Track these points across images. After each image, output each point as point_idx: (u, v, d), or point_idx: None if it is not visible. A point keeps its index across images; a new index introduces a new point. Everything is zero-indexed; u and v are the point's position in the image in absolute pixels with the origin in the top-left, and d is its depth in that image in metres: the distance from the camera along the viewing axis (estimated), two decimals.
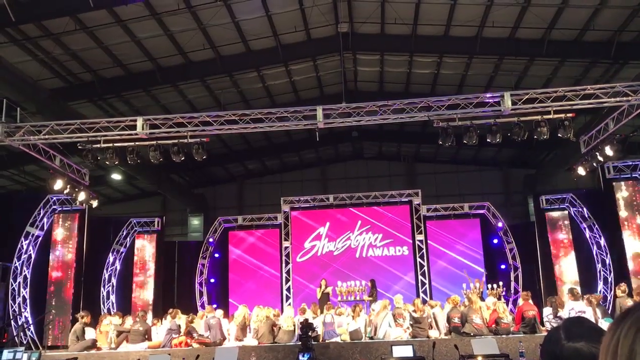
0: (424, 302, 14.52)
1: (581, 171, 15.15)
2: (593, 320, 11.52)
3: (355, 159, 26.25)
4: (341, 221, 20.24)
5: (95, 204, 16.10)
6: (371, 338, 12.37)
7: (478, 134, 12.89)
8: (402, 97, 13.88)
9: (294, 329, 12.72)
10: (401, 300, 13.49)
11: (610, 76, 15.98)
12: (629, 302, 12.30)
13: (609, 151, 13.39)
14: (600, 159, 13.98)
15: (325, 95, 19.23)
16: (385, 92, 19.21)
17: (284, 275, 19.57)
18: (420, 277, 18.96)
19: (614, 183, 16.08)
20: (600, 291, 16.28)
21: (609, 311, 13.22)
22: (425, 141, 22.84)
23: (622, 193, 16.02)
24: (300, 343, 11.16)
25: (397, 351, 10.34)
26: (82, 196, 15.25)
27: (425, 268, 18.98)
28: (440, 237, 19.66)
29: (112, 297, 18.55)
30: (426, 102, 12.65)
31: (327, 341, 12.34)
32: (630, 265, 15.42)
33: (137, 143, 13.30)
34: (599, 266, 17.11)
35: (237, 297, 19.58)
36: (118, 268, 18.99)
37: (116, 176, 22.49)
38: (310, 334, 11.06)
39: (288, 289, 19.42)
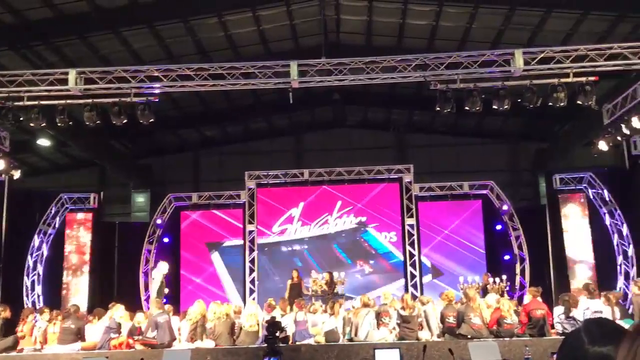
0: (414, 298, 14.66)
1: (603, 146, 15.31)
2: None
3: (336, 127, 26.16)
4: (318, 201, 20.26)
5: (17, 174, 15.85)
6: (350, 340, 12.45)
7: (482, 100, 12.91)
8: (393, 53, 13.79)
9: (259, 328, 12.74)
10: (390, 296, 13.60)
11: None
12: None
13: (636, 122, 13.54)
14: (626, 131, 14.14)
15: (302, 49, 19.05)
16: (373, 47, 19.05)
17: (248, 264, 19.57)
18: (409, 269, 19.12)
19: None
20: (620, 288, 16.62)
21: (629, 311, 13.49)
22: (419, 107, 22.82)
23: None
24: (265, 345, 11.18)
25: (381, 355, 10.42)
26: (0, 165, 15.00)
27: (416, 258, 19.14)
28: (434, 221, 19.84)
29: (38, 289, 18.38)
30: (422, 60, 12.62)
31: (298, 343, 12.40)
32: None
33: (68, 101, 13.09)
34: (619, 258, 17.45)
35: (190, 290, 19.57)
36: (45, 253, 18.79)
37: (43, 141, 22.07)
38: (277, 334, 11.08)
39: (252, 281, 19.44)
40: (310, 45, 18.80)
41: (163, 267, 15.23)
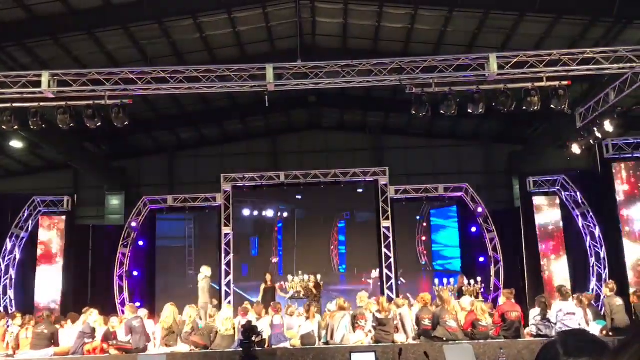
0: (390, 300, 14.70)
1: (576, 149, 15.50)
2: (583, 322, 11.94)
3: (312, 129, 26.16)
4: None
5: None
6: (326, 343, 12.46)
7: (457, 103, 13.00)
8: (369, 57, 13.86)
9: (234, 332, 12.70)
10: (366, 299, 13.61)
11: (611, 38, 16.29)
12: (618, 302, 12.77)
13: (608, 126, 13.73)
14: (598, 135, 14.33)
15: (277, 51, 19.01)
16: (349, 50, 19.10)
17: (224, 267, 19.47)
18: (385, 271, 19.16)
19: (613, 163, 16.53)
20: (592, 289, 16.82)
21: (602, 312, 13.67)
22: (395, 110, 22.91)
23: (622, 175, 16.50)
24: (241, 350, 11.14)
25: (357, 359, 10.44)
26: None
27: (392, 260, 19.19)
28: (410, 223, 19.94)
29: (10, 293, 18.14)
30: (398, 63, 12.68)
31: (274, 347, 12.38)
32: (628, 260, 15.96)
33: (42, 104, 12.95)
34: (592, 260, 17.66)
35: (165, 294, 19.39)
36: (17, 257, 18.55)
37: (16, 144, 21.80)
38: (253, 338, 11.04)
39: (228, 285, 19.35)
40: (286, 48, 18.79)
41: (205, 271, 15.29)
